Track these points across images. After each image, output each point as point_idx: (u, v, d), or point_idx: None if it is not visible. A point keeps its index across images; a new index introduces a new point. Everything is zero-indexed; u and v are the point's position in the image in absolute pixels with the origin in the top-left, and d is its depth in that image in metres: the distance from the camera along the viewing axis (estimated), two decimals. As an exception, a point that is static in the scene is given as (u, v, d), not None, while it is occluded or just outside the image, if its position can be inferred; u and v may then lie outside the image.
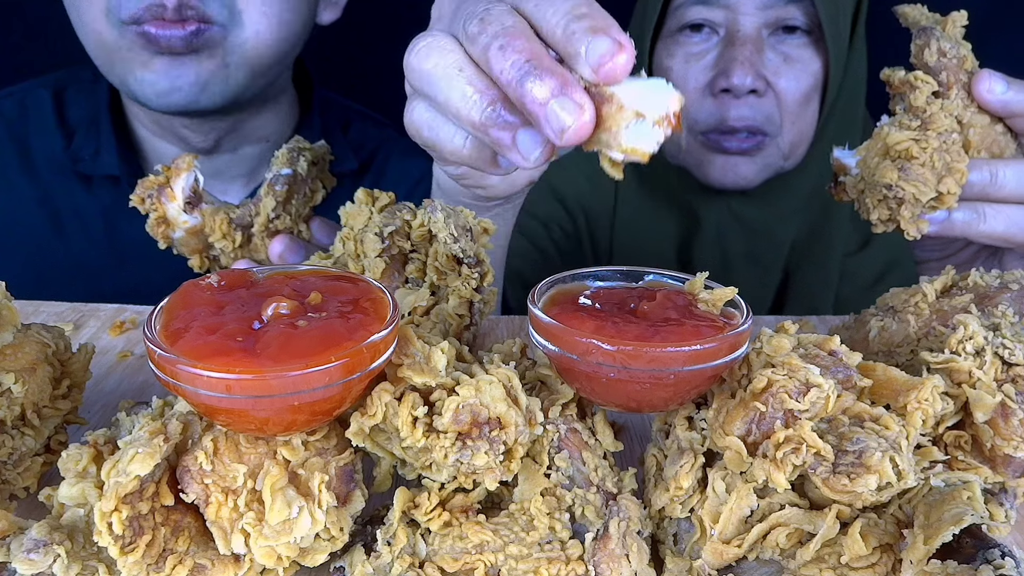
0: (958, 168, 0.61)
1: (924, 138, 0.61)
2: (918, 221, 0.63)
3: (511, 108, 0.44)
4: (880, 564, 0.38)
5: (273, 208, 0.74)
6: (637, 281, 0.49)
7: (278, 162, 0.77)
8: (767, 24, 1.00)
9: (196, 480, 0.39)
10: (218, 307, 0.40)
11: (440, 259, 0.58)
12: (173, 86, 0.92)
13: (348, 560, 0.42)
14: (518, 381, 0.42)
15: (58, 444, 0.50)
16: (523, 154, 0.44)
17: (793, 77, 1.01)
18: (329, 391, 0.37)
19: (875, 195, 0.63)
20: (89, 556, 0.38)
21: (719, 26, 1.02)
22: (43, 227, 1.08)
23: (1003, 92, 0.63)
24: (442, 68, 0.46)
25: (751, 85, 0.98)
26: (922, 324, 0.54)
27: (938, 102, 0.62)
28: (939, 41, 0.63)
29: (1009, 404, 0.45)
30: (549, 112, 0.40)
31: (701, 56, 1.03)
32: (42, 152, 1.08)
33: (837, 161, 0.68)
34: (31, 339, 0.49)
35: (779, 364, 0.41)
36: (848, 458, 0.39)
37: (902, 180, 0.61)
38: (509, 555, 0.40)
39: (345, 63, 1.43)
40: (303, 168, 0.77)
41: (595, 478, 0.44)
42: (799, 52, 1.02)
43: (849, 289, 1.14)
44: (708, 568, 0.42)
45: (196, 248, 0.75)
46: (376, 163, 1.17)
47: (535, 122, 0.42)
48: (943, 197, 0.61)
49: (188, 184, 0.71)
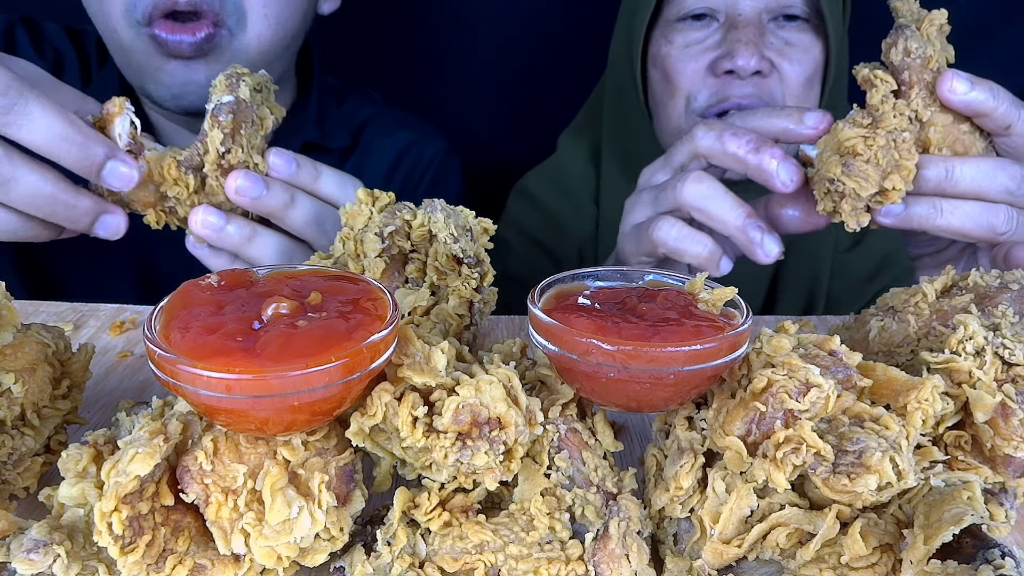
0: (906, 165, 0.64)
1: (872, 136, 0.64)
2: (859, 215, 0.66)
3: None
4: (880, 564, 0.38)
5: (221, 141, 0.68)
6: (637, 281, 0.49)
7: (217, 91, 0.70)
8: (767, 10, 1.00)
9: (196, 480, 0.39)
10: (218, 307, 0.40)
11: (440, 259, 0.58)
12: (185, 90, 0.93)
13: (348, 560, 0.42)
14: (518, 381, 0.42)
15: (58, 444, 0.50)
16: (765, 252, 0.72)
17: (796, 61, 1.01)
18: (329, 391, 0.37)
19: (821, 188, 0.67)
20: (89, 556, 0.38)
21: (719, 13, 1.02)
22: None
23: (965, 92, 0.64)
24: (711, 191, 0.73)
25: (756, 66, 0.98)
26: (922, 324, 0.54)
27: (892, 101, 0.64)
28: (907, 40, 0.64)
29: (1009, 404, 0.45)
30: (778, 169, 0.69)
31: (701, 42, 1.03)
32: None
33: (803, 153, 0.71)
34: (31, 339, 0.49)
35: (779, 364, 0.41)
36: (848, 458, 0.39)
37: (844, 175, 0.65)
38: (509, 555, 0.40)
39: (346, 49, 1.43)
40: (245, 94, 0.70)
41: (595, 478, 0.44)
42: (799, 37, 1.02)
43: (842, 286, 1.14)
44: (708, 568, 0.42)
45: (149, 202, 0.70)
46: (365, 136, 1.19)
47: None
48: (888, 193, 0.65)
49: (125, 130, 0.66)
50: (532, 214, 1.22)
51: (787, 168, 0.69)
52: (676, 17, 1.04)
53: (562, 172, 1.23)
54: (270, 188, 0.70)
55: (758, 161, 0.70)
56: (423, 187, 1.22)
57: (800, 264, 1.14)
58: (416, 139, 1.22)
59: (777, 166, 0.69)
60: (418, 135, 1.22)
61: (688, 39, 1.03)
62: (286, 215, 0.71)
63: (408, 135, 1.22)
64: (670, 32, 1.05)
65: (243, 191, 0.68)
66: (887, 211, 0.67)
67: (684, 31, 1.04)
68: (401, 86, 1.48)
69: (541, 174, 1.26)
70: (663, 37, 1.06)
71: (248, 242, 0.70)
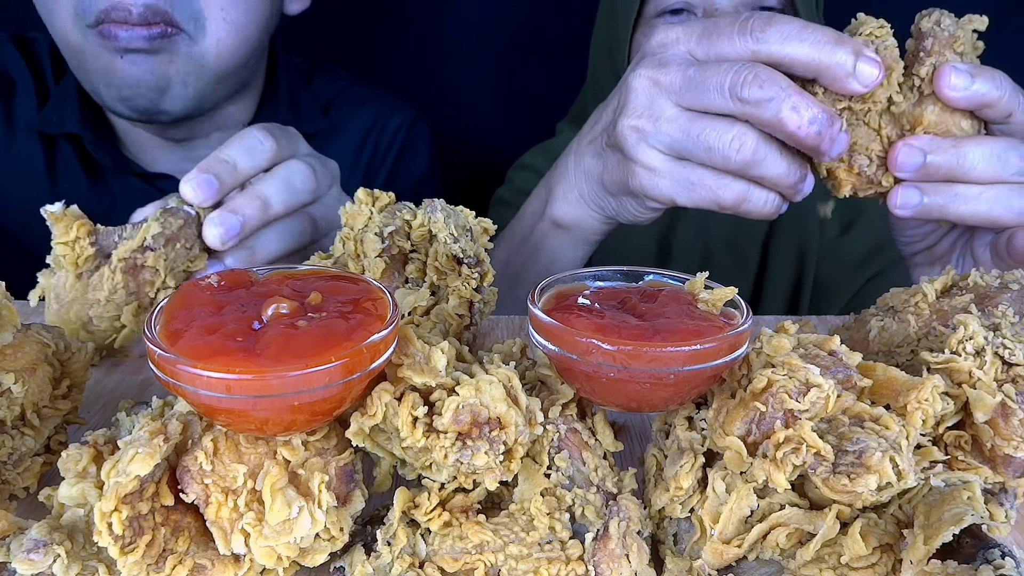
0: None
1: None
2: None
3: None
4: (880, 564, 0.38)
5: (154, 237, 0.62)
6: (637, 281, 0.49)
7: (180, 201, 0.66)
8: (743, 4, 1.01)
9: (196, 480, 0.39)
10: (218, 307, 0.40)
11: (440, 259, 0.58)
12: (136, 91, 0.92)
13: (348, 560, 0.42)
14: (518, 381, 0.42)
15: (58, 444, 0.50)
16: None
17: None
18: (329, 391, 0.37)
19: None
20: (89, 556, 0.38)
21: (696, 8, 1.03)
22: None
23: (966, 87, 0.61)
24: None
25: None
26: (922, 324, 0.54)
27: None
28: (943, 15, 0.63)
29: (1009, 404, 0.45)
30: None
31: None
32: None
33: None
34: (31, 339, 0.49)
35: (779, 364, 0.41)
36: (848, 458, 0.39)
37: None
38: (509, 555, 0.40)
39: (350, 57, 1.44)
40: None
41: (595, 478, 0.44)
42: None
43: (831, 271, 1.14)
44: (708, 568, 0.42)
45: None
46: (332, 112, 1.20)
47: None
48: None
49: None
50: (532, 179, 1.24)
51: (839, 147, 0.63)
52: (655, 13, 1.05)
53: (559, 149, 1.25)
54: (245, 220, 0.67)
55: (818, 140, 0.60)
56: (391, 157, 1.23)
57: (788, 256, 1.15)
58: (381, 112, 1.22)
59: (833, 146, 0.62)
60: (383, 107, 1.23)
61: None
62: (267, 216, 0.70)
63: (374, 108, 1.23)
64: (649, 29, 1.06)
65: (225, 237, 0.66)
66: (904, 203, 0.64)
67: (663, 27, 1.04)
68: (388, 83, 1.49)
69: (540, 150, 1.29)
70: (644, 35, 1.07)
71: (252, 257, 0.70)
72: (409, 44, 1.52)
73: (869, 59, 0.60)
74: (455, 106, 1.56)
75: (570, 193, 0.79)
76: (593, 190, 0.77)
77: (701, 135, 0.64)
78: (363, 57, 1.52)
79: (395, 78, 1.52)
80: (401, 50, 1.52)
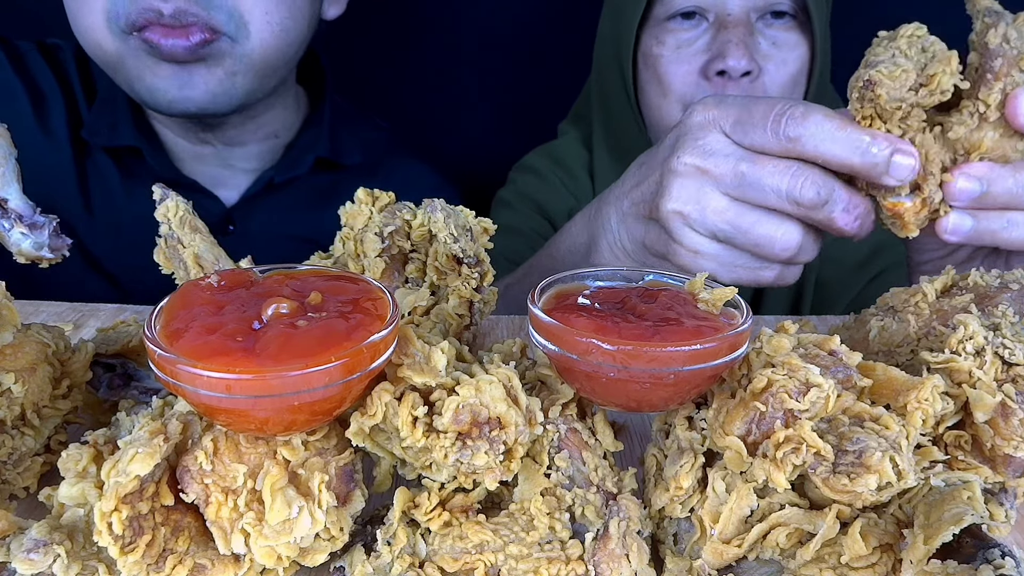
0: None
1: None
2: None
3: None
4: (880, 564, 0.38)
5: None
6: (637, 281, 0.49)
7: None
8: (755, 9, 1.01)
9: (196, 480, 0.39)
10: (218, 307, 0.40)
11: (440, 259, 0.58)
12: (182, 95, 0.92)
13: (348, 560, 0.42)
14: (518, 381, 0.42)
15: (58, 444, 0.50)
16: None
17: (782, 61, 1.02)
18: (329, 391, 0.37)
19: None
20: (89, 556, 0.38)
21: (708, 12, 1.03)
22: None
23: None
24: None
25: (746, 67, 0.99)
26: (922, 324, 0.54)
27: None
28: (1008, 27, 0.61)
29: (1009, 404, 0.45)
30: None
31: (692, 43, 1.04)
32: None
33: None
34: (31, 339, 0.49)
35: (779, 364, 0.41)
36: (848, 458, 0.39)
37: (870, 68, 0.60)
38: (509, 555, 0.40)
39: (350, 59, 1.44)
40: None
41: (595, 478, 0.44)
42: (786, 36, 1.03)
43: (833, 272, 1.14)
44: (708, 568, 0.42)
45: None
46: (375, 156, 1.19)
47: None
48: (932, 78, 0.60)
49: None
50: (532, 181, 1.25)
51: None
52: (665, 16, 1.05)
53: (561, 152, 1.26)
54: None
55: (852, 225, 0.65)
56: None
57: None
58: (423, 173, 1.22)
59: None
60: (425, 170, 1.23)
61: (679, 40, 1.04)
62: None
63: (421, 164, 1.23)
64: (660, 32, 1.05)
65: None
66: (955, 229, 0.63)
67: (675, 31, 1.04)
68: (385, 93, 1.49)
69: (541, 151, 1.29)
70: (653, 37, 1.06)
71: None
72: (409, 44, 1.52)
73: (904, 152, 0.60)
74: (455, 106, 1.56)
75: (615, 247, 0.81)
76: (637, 250, 0.79)
77: (751, 231, 0.67)
78: (363, 57, 1.52)
79: (395, 78, 1.53)
80: (401, 50, 1.52)
